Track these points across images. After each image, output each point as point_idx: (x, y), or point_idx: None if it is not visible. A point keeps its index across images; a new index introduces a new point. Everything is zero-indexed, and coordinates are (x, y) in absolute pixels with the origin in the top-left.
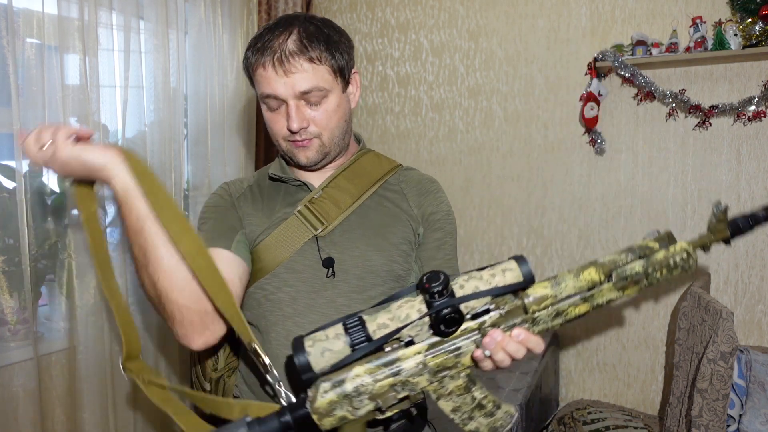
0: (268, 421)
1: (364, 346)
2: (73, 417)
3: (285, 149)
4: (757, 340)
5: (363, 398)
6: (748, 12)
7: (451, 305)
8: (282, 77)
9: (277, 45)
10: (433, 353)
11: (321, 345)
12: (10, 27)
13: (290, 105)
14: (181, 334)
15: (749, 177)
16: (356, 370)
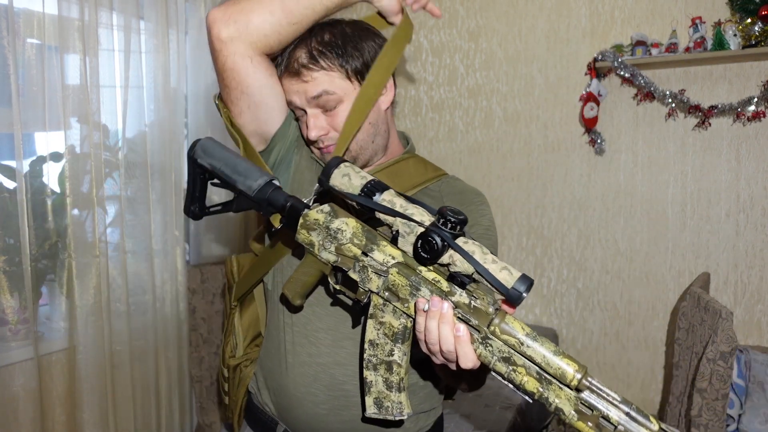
0: (279, 194)
1: (366, 200)
2: (73, 417)
3: (317, 153)
4: (757, 339)
5: (333, 245)
6: (748, 12)
7: (443, 238)
8: (297, 87)
9: (294, 58)
10: (398, 269)
11: (348, 170)
12: (10, 27)
13: (308, 114)
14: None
15: (749, 177)
16: (349, 219)
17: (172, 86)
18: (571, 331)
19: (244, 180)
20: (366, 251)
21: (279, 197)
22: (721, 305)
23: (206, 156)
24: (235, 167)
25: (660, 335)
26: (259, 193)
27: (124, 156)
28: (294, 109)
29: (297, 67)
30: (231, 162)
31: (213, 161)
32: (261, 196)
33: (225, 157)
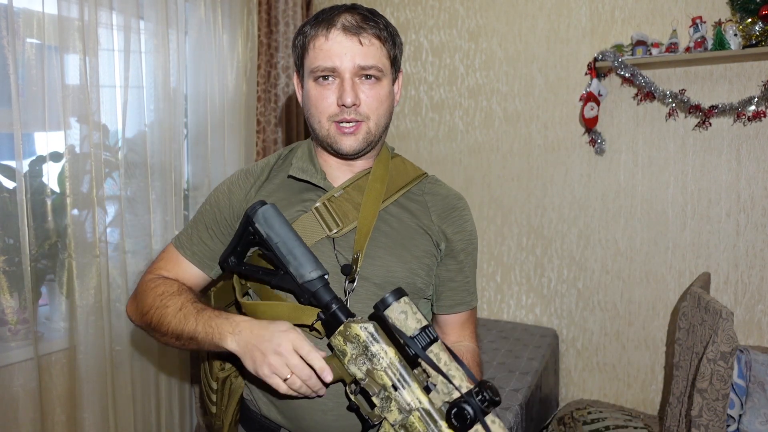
0: (327, 293)
1: (415, 345)
2: (73, 417)
3: (327, 132)
4: (757, 340)
5: (365, 365)
6: (748, 12)
7: (476, 413)
8: (349, 47)
9: (347, 18)
10: (421, 415)
11: (407, 308)
12: (10, 27)
13: (346, 79)
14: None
15: (749, 177)
16: (390, 348)
17: (172, 86)
18: (571, 331)
19: (297, 267)
20: (396, 386)
21: (326, 296)
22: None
23: (266, 225)
24: (292, 250)
25: (660, 335)
26: (308, 284)
27: (124, 156)
28: (318, 73)
29: (354, 25)
30: (289, 243)
31: (271, 233)
32: (308, 288)
33: (284, 234)
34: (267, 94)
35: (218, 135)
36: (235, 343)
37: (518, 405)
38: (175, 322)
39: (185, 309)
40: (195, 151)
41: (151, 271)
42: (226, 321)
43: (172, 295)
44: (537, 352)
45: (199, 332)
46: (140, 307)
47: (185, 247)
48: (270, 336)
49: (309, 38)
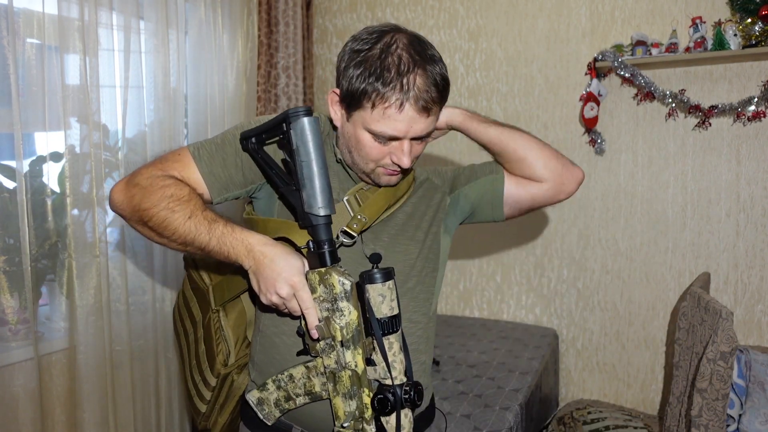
0: (326, 231)
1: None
2: (73, 417)
3: (371, 170)
4: (757, 339)
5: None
6: (748, 12)
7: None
8: (417, 121)
9: (423, 92)
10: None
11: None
12: (10, 27)
13: (405, 143)
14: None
15: (749, 177)
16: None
17: (172, 86)
18: (571, 331)
19: (310, 195)
20: (344, 344)
21: (323, 234)
22: (722, 305)
23: (300, 138)
24: (313, 176)
25: (660, 335)
26: (312, 216)
27: (124, 156)
28: (378, 134)
29: (428, 102)
30: (315, 167)
31: (301, 148)
32: (311, 219)
33: (313, 156)
34: (267, 94)
35: None
36: (248, 264)
37: (518, 405)
38: (183, 229)
39: (195, 218)
40: None
41: (162, 169)
42: (240, 243)
43: (181, 200)
44: (537, 352)
45: (213, 246)
46: (138, 200)
47: (204, 161)
48: (278, 274)
49: (377, 97)
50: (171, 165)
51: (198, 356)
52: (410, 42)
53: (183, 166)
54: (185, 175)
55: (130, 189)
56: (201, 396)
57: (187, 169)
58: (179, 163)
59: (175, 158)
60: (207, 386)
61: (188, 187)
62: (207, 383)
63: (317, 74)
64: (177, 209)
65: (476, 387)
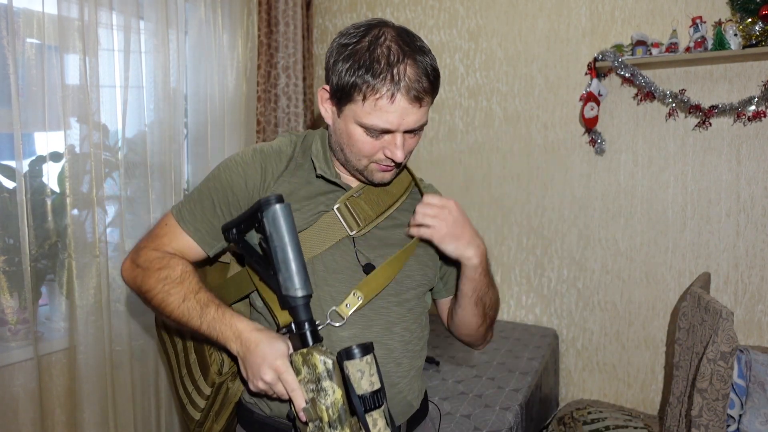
0: (305, 312)
1: (359, 406)
2: (73, 417)
3: (364, 167)
4: (757, 340)
5: (312, 393)
6: (748, 12)
7: None
8: (409, 112)
9: (413, 82)
10: None
11: (365, 368)
12: (10, 27)
13: (398, 136)
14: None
15: (749, 177)
16: (339, 390)
17: (171, 86)
18: (571, 331)
19: (286, 278)
20: (331, 424)
21: (302, 315)
22: (722, 305)
23: (272, 225)
24: (287, 260)
25: (660, 335)
26: (290, 298)
27: (124, 156)
28: (369, 127)
29: (419, 93)
30: (288, 252)
31: (274, 234)
32: (290, 301)
33: (286, 241)
34: (267, 94)
35: (218, 135)
36: (235, 349)
37: (518, 405)
38: (178, 312)
39: (188, 301)
40: (195, 151)
41: (155, 248)
42: (228, 328)
43: (174, 282)
44: (537, 352)
45: (204, 330)
46: (140, 282)
47: (187, 221)
48: (262, 361)
49: (366, 87)
50: (162, 240)
51: (189, 365)
52: (398, 34)
53: (173, 235)
54: (176, 246)
55: (133, 269)
56: (194, 404)
57: (176, 237)
58: (168, 236)
59: (164, 231)
60: (201, 395)
61: (181, 265)
62: (201, 392)
63: (317, 74)
64: (172, 292)
65: (476, 387)
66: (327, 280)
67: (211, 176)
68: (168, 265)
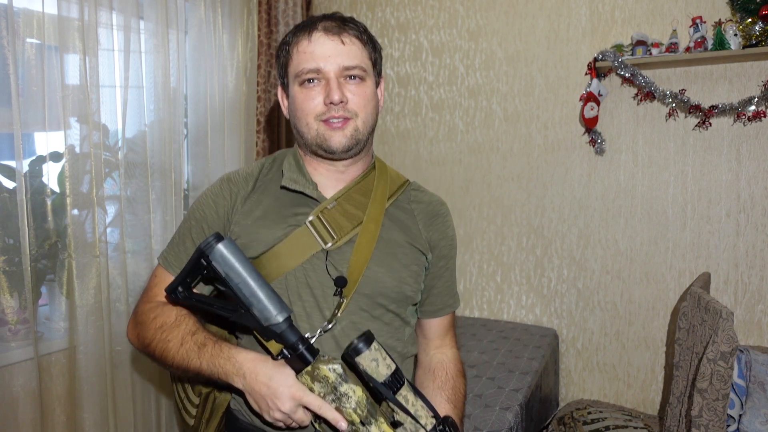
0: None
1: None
2: (73, 417)
3: (316, 133)
4: (757, 340)
5: (334, 404)
6: (748, 12)
7: None
8: (332, 48)
9: (326, 22)
10: None
11: (377, 355)
12: (10, 27)
13: (332, 79)
14: None
15: (749, 177)
16: (357, 387)
17: (172, 86)
18: (571, 331)
19: (262, 309)
20: (365, 422)
21: (292, 337)
22: (722, 305)
23: (224, 264)
24: (255, 292)
25: (660, 335)
26: (274, 327)
27: (124, 156)
28: (303, 76)
29: (334, 26)
30: (252, 284)
31: (231, 273)
32: (274, 329)
33: (246, 274)
34: (267, 94)
35: (218, 135)
36: (240, 384)
37: (518, 405)
38: (178, 358)
39: (186, 345)
40: (195, 151)
41: (148, 300)
42: (228, 362)
43: (171, 327)
44: (537, 352)
45: (204, 370)
46: (141, 338)
47: (173, 266)
48: (275, 391)
49: (291, 45)
50: (154, 291)
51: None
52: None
53: (163, 284)
54: (159, 283)
55: (135, 329)
56: (187, 411)
57: (165, 282)
58: (159, 285)
59: (154, 282)
60: (191, 404)
61: (175, 311)
62: (191, 401)
63: None
64: (169, 338)
65: (476, 387)
66: (301, 295)
67: (187, 216)
68: (162, 312)
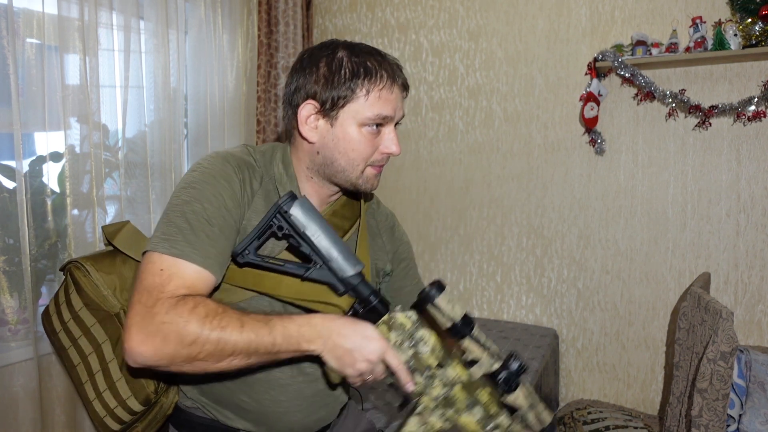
0: (367, 286)
1: (465, 329)
2: (73, 417)
3: (361, 174)
4: (757, 340)
5: (411, 349)
6: (748, 12)
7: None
8: (400, 102)
9: (401, 75)
10: (462, 386)
11: (451, 297)
12: (10, 27)
13: (393, 129)
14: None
15: (749, 177)
16: (431, 332)
17: (172, 86)
18: (571, 331)
19: (339, 261)
20: (442, 364)
21: (366, 290)
22: (722, 305)
23: (304, 218)
24: (331, 247)
25: (660, 335)
26: (348, 280)
27: (124, 156)
28: (374, 121)
29: (405, 81)
30: (330, 237)
31: (309, 226)
32: (349, 282)
33: (322, 231)
34: (267, 94)
35: (218, 135)
36: (320, 345)
37: None
38: (243, 341)
39: (248, 325)
40: (195, 151)
41: (167, 298)
42: (303, 327)
43: (218, 314)
44: (537, 352)
45: (278, 343)
46: (174, 342)
47: (189, 255)
48: (360, 344)
49: (371, 83)
50: (167, 288)
51: (112, 382)
52: (351, 43)
53: (177, 277)
54: (189, 284)
55: (154, 338)
56: (117, 418)
57: (183, 276)
58: (173, 279)
59: (163, 278)
60: (128, 411)
61: (210, 300)
62: (128, 409)
63: None
64: (225, 324)
65: None
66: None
67: (193, 200)
68: (199, 302)
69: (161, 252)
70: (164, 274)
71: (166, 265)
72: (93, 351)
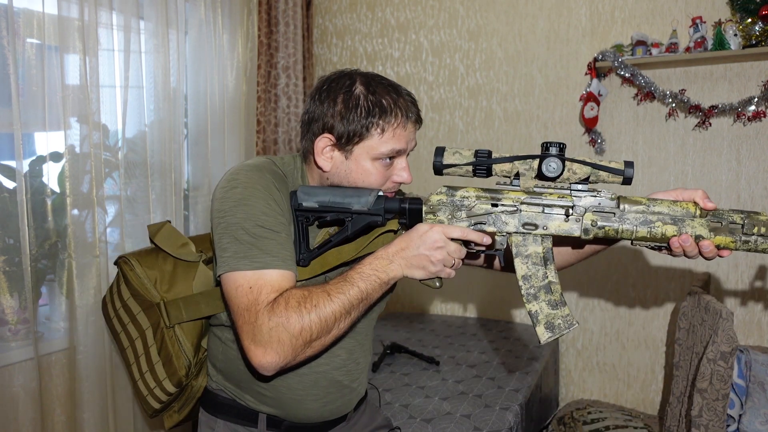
0: (393, 200)
1: (486, 160)
2: (73, 417)
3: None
4: (757, 340)
5: (463, 212)
6: (748, 12)
7: (559, 158)
8: (413, 134)
9: (414, 111)
10: (528, 201)
11: (454, 150)
12: (10, 27)
13: (404, 159)
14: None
15: (749, 177)
16: (467, 187)
17: (172, 86)
18: (572, 331)
19: (359, 199)
20: (495, 203)
21: (394, 203)
22: (722, 305)
23: (311, 197)
24: (344, 193)
25: (660, 335)
26: (376, 204)
27: (124, 156)
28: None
29: (418, 115)
30: (338, 192)
31: (319, 198)
32: (378, 207)
33: (329, 190)
34: (267, 94)
35: (218, 135)
36: (398, 268)
37: (518, 405)
38: (337, 305)
39: (333, 292)
40: (195, 151)
41: (267, 307)
42: (375, 263)
43: (309, 296)
44: (537, 352)
45: (366, 289)
46: (288, 337)
47: (270, 263)
48: (420, 242)
49: (386, 124)
50: (261, 299)
51: (152, 365)
52: (372, 76)
53: (265, 286)
54: (277, 287)
55: (270, 347)
56: (156, 397)
57: (271, 283)
58: (263, 289)
59: (254, 294)
60: (164, 392)
61: (293, 289)
62: (164, 390)
63: (317, 74)
64: (316, 302)
65: (476, 387)
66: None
67: (244, 215)
68: (286, 297)
69: (243, 270)
70: (254, 291)
71: (252, 281)
72: (139, 336)
